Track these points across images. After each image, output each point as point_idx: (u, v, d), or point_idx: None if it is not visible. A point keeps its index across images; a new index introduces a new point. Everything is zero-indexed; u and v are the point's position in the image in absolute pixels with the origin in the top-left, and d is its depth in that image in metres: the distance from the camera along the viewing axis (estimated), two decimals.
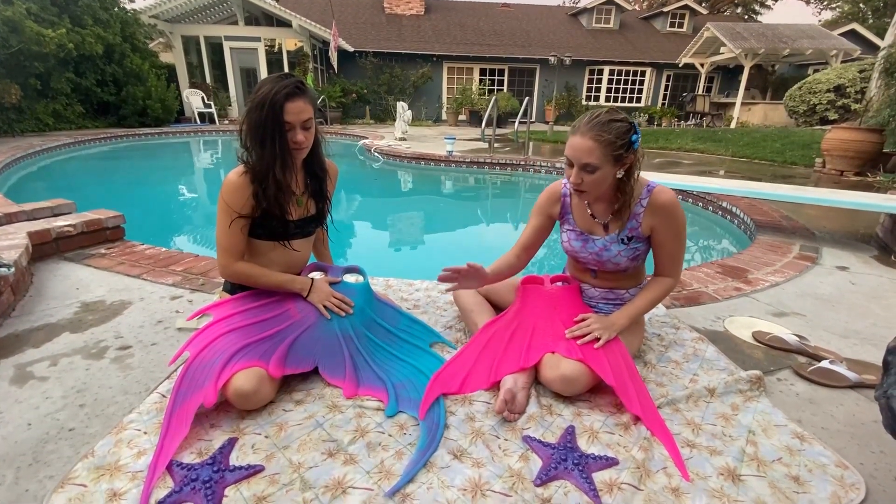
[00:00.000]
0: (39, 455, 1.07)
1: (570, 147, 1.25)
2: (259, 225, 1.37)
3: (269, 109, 1.23)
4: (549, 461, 1.06)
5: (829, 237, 3.11)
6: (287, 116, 1.25)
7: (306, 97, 1.28)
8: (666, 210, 1.33)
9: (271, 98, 1.22)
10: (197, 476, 0.98)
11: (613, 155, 1.22)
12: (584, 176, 1.25)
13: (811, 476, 1.04)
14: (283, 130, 1.26)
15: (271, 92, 1.22)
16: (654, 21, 18.67)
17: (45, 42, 7.51)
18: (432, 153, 7.19)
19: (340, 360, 1.35)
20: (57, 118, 8.72)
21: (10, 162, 5.60)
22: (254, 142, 1.29)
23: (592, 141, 1.21)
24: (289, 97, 1.24)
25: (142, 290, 1.97)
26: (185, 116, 11.91)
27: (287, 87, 1.24)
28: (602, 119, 1.22)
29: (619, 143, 1.21)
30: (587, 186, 1.27)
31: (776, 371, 1.49)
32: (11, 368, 1.40)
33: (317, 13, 14.87)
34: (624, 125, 1.23)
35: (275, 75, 1.29)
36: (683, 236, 1.39)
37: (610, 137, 1.20)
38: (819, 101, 9.83)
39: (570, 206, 1.49)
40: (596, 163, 1.22)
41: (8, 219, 2.52)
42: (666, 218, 1.34)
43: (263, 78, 1.31)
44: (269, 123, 1.24)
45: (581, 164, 1.24)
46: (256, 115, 1.25)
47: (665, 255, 1.40)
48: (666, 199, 1.33)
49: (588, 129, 1.22)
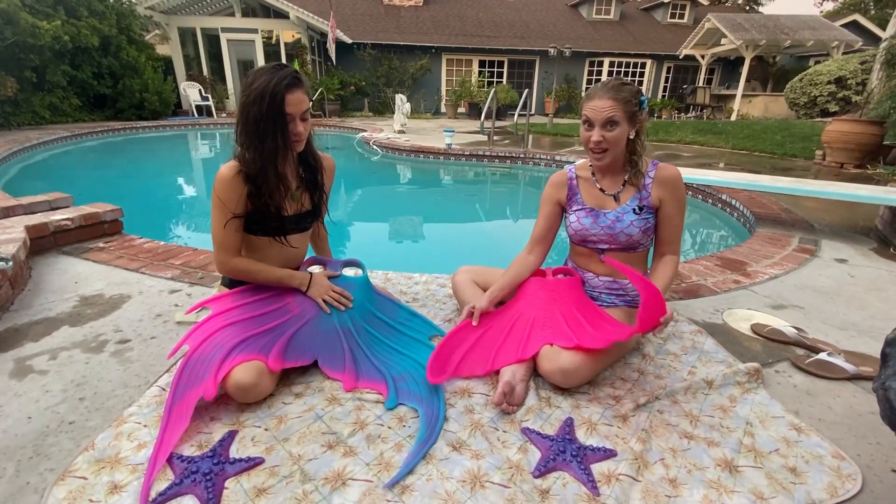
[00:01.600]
0: (40, 448, 1.07)
1: (591, 108, 1.35)
2: (254, 221, 1.36)
3: (270, 102, 1.19)
4: (547, 453, 1.06)
5: (829, 230, 3.11)
6: (288, 108, 1.22)
7: (304, 87, 1.26)
8: (672, 182, 1.43)
9: (272, 90, 1.19)
10: (197, 468, 0.98)
11: (629, 112, 1.33)
12: (605, 133, 1.34)
13: (808, 467, 1.05)
14: (284, 123, 1.24)
15: (270, 84, 1.19)
16: (654, 12, 18.52)
17: (41, 34, 7.44)
18: (431, 146, 7.16)
19: (340, 354, 1.36)
20: (53, 111, 8.66)
21: (7, 156, 5.57)
22: (252, 137, 1.25)
23: (611, 100, 1.32)
24: (289, 88, 1.21)
25: (140, 283, 1.97)
26: (183, 109, 11.84)
27: (286, 78, 1.21)
28: (615, 83, 1.35)
29: (633, 101, 1.34)
30: (608, 143, 1.36)
31: (774, 363, 1.50)
32: (11, 362, 1.40)
33: (314, 4, 14.71)
34: (633, 88, 1.36)
35: (269, 66, 1.24)
36: (684, 211, 1.46)
37: (626, 96, 1.33)
38: (820, 93, 9.78)
39: (577, 186, 1.53)
40: (617, 118, 1.33)
41: (5, 213, 2.51)
42: (672, 190, 1.42)
43: (255, 69, 1.26)
44: (269, 117, 1.21)
45: (603, 120, 1.33)
46: (256, 109, 1.21)
47: (670, 229, 1.45)
48: (672, 172, 1.44)
49: (605, 92, 1.34)
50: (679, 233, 1.47)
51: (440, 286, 2.00)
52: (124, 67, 9.73)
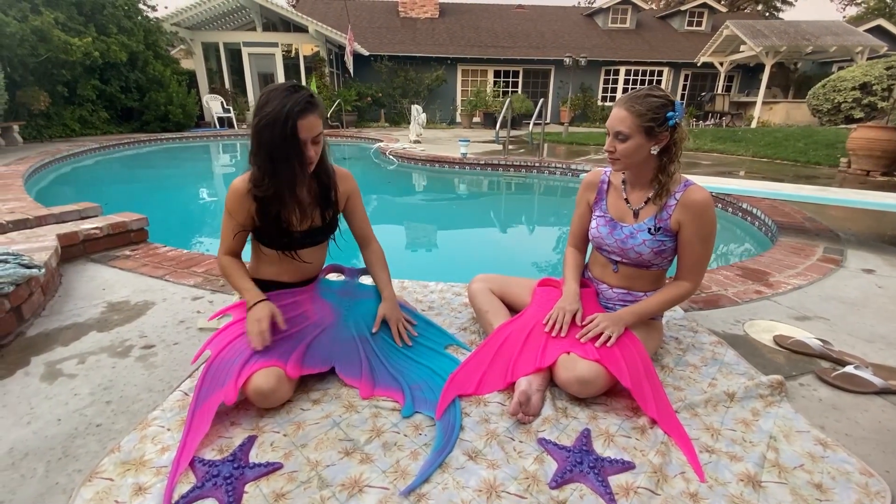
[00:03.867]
0: (68, 449, 1.11)
1: (609, 117, 1.34)
2: (263, 234, 1.37)
3: (282, 128, 1.16)
4: (564, 464, 1.05)
5: (855, 239, 3.02)
6: (301, 134, 1.19)
7: (318, 110, 1.23)
8: (696, 209, 1.33)
9: (284, 115, 1.15)
10: (218, 472, 1.00)
11: (644, 126, 1.27)
12: (616, 144, 1.32)
13: (834, 483, 1.02)
14: (299, 149, 1.21)
15: (284, 109, 1.15)
16: (671, 20, 18.43)
17: (72, 50, 7.77)
18: (446, 155, 7.22)
19: (356, 361, 1.37)
20: (83, 124, 9.00)
21: (40, 166, 5.80)
22: (266, 161, 1.22)
23: (626, 111, 1.29)
24: (302, 114, 1.17)
25: (164, 290, 2.02)
26: (205, 121, 12.18)
27: (299, 104, 1.17)
28: (640, 94, 1.29)
29: (651, 115, 1.26)
30: (619, 154, 1.33)
31: (798, 376, 1.46)
32: (42, 366, 1.45)
33: (333, 18, 15.07)
34: (660, 101, 1.27)
35: (281, 87, 1.20)
36: (710, 241, 1.37)
37: (641, 109, 1.27)
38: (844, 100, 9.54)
39: (605, 192, 1.52)
40: (626, 131, 1.28)
41: (38, 221, 2.61)
42: (695, 217, 1.33)
43: (267, 88, 1.21)
44: (282, 143, 1.18)
45: (614, 131, 1.32)
46: (268, 134, 1.17)
47: (687, 255, 1.38)
48: (699, 197, 1.33)
49: (624, 102, 1.30)
50: (700, 262, 1.38)
51: (455, 295, 2.01)
52: (150, 81, 10.08)
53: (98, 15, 8.69)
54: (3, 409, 1.24)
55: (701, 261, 1.38)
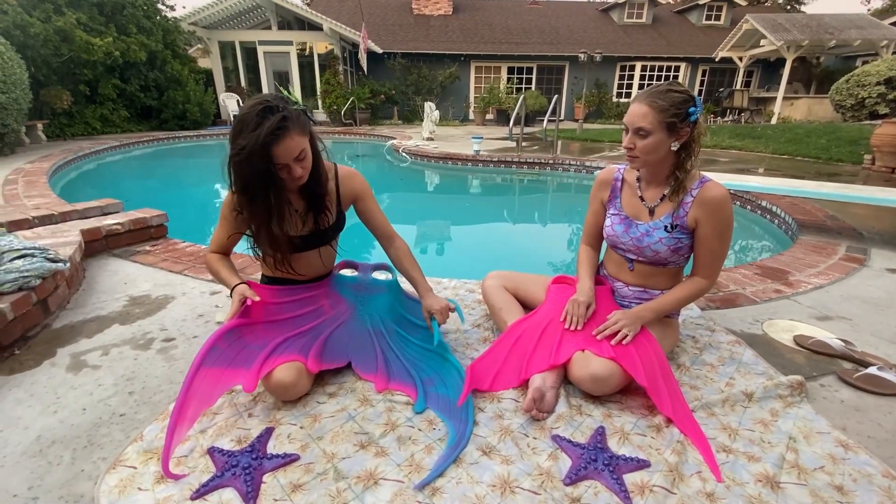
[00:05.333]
0: (93, 438, 1.14)
1: (628, 113, 1.31)
2: (258, 241, 1.33)
3: (259, 160, 1.10)
4: (578, 461, 1.05)
5: (879, 238, 2.94)
6: (278, 160, 1.13)
7: (295, 128, 1.14)
8: (713, 205, 1.31)
9: (258, 147, 1.09)
10: (237, 462, 1.02)
11: (666, 122, 1.25)
12: (636, 140, 1.29)
13: (856, 486, 1.00)
14: (275, 180, 1.16)
15: (256, 140, 1.08)
16: (688, 14, 18.08)
17: (94, 50, 7.93)
18: (459, 153, 7.21)
19: (372, 355, 1.39)
20: (104, 122, 9.19)
21: (63, 164, 5.95)
22: (243, 195, 1.19)
23: (647, 106, 1.26)
24: (275, 140, 1.10)
25: (184, 285, 2.07)
26: (222, 119, 12.36)
27: (270, 130, 1.09)
28: (661, 89, 1.28)
29: (674, 111, 1.25)
30: (639, 151, 1.30)
31: (819, 377, 1.43)
32: (68, 357, 1.50)
33: (346, 16, 15.12)
34: (682, 96, 1.26)
35: (253, 112, 1.11)
36: (727, 237, 1.35)
37: (664, 104, 1.25)
38: (868, 95, 9.28)
39: (619, 189, 1.50)
40: (648, 127, 1.26)
41: (62, 217, 2.69)
42: (712, 213, 1.31)
43: (240, 114, 1.14)
44: (258, 175, 1.13)
45: (634, 127, 1.28)
46: (246, 168, 1.12)
47: (704, 252, 1.37)
48: (716, 194, 1.31)
49: (645, 97, 1.28)
50: (717, 258, 1.36)
51: (469, 291, 2.01)
52: (169, 80, 10.25)
53: (118, 15, 8.85)
54: (30, 398, 1.29)
55: (718, 257, 1.37)
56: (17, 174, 4.68)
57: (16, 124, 6.08)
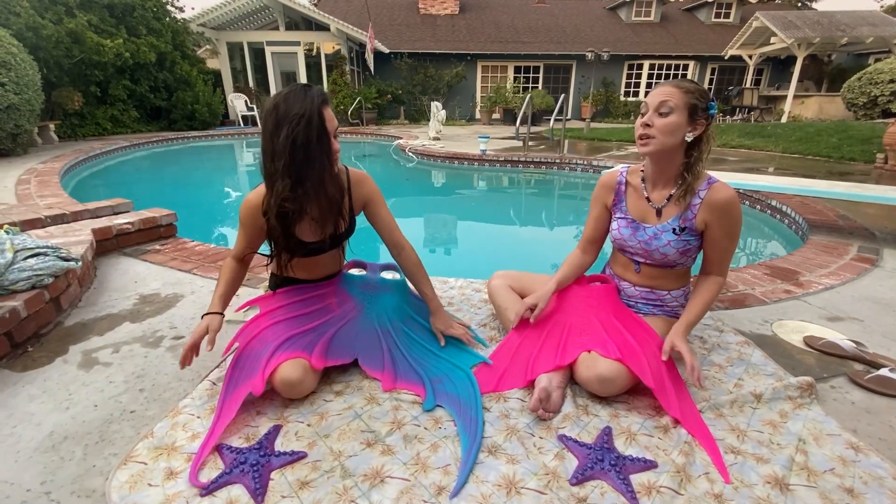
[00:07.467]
0: (105, 434, 1.16)
1: (650, 94, 1.30)
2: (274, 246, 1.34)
3: (317, 122, 1.17)
4: (585, 461, 1.05)
5: (892, 238, 2.90)
6: (328, 124, 1.21)
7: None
8: (723, 208, 1.30)
9: (315, 108, 1.17)
10: (245, 459, 1.03)
11: (690, 105, 1.24)
12: (655, 119, 1.27)
13: (866, 488, 0.99)
14: (329, 139, 1.22)
15: (312, 103, 1.16)
16: (697, 12, 17.92)
17: (105, 52, 8.03)
18: (466, 152, 7.20)
19: (379, 354, 1.39)
20: (114, 123, 9.30)
21: (74, 164, 6.02)
22: (300, 165, 1.19)
23: (673, 87, 1.26)
24: (325, 103, 1.20)
25: (193, 283, 2.09)
26: (230, 119, 12.46)
27: (321, 95, 1.19)
28: (683, 80, 1.29)
29: (698, 95, 1.25)
30: (656, 130, 1.26)
31: (829, 378, 1.42)
32: (79, 354, 1.52)
33: (353, 16, 15.17)
34: (702, 88, 1.28)
35: (293, 88, 1.19)
36: (737, 236, 1.35)
37: (690, 87, 1.26)
38: (881, 93, 9.15)
39: (623, 193, 1.48)
40: (672, 103, 1.24)
41: (74, 217, 2.73)
42: (722, 215, 1.30)
43: (276, 97, 1.19)
44: (318, 138, 1.18)
45: (657, 102, 1.26)
46: (304, 132, 1.16)
47: (715, 252, 1.37)
48: (723, 196, 1.30)
49: (669, 82, 1.28)
50: (728, 256, 1.37)
51: (475, 291, 2.01)
52: (178, 81, 10.35)
53: (128, 17, 8.95)
54: (43, 394, 1.31)
55: (727, 255, 1.37)
56: (30, 174, 4.75)
57: (28, 125, 6.17)
